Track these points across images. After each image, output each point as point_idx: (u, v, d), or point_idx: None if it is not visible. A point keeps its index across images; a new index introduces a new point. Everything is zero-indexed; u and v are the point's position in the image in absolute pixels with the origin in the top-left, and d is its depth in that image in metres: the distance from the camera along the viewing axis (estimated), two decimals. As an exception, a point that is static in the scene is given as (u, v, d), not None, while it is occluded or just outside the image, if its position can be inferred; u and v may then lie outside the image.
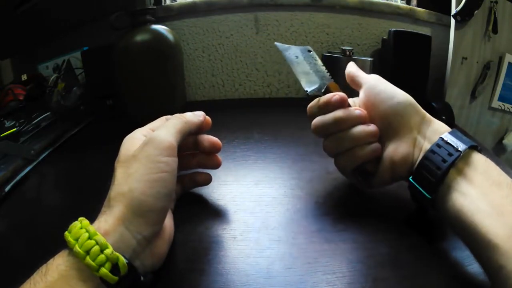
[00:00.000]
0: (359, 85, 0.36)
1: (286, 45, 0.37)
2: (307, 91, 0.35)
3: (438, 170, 0.28)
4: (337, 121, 0.33)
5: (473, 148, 0.28)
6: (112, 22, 0.56)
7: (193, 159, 0.37)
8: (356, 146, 0.33)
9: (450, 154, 0.28)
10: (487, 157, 0.28)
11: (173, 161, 0.27)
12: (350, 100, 0.35)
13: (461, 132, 0.30)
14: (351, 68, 0.37)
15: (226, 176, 0.42)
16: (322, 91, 0.35)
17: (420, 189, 0.29)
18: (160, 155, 0.27)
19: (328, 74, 0.36)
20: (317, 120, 0.34)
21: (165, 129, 0.29)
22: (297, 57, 0.36)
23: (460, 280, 0.27)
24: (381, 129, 0.33)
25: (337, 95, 0.33)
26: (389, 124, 0.33)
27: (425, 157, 0.29)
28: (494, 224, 0.23)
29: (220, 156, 0.37)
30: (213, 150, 0.36)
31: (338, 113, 0.33)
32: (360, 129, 0.33)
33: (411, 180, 0.30)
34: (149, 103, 0.61)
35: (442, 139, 0.29)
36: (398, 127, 0.32)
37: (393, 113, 0.32)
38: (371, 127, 0.33)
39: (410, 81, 0.66)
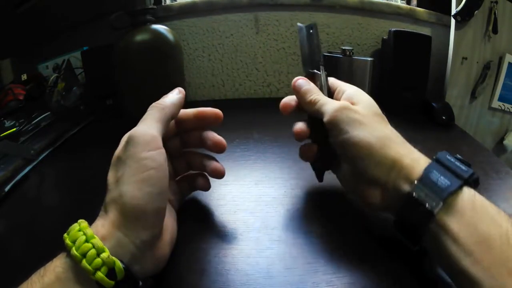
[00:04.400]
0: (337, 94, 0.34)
1: (301, 25, 0.36)
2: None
3: (412, 235, 0.26)
4: None
5: (455, 191, 0.24)
6: (112, 22, 0.56)
7: (197, 159, 0.35)
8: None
9: (424, 216, 0.24)
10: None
11: (158, 154, 0.26)
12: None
13: (460, 132, 0.29)
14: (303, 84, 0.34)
15: (226, 176, 0.42)
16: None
17: (404, 240, 0.28)
18: (143, 151, 0.25)
19: (318, 58, 0.35)
20: None
21: (143, 122, 0.28)
22: (303, 37, 0.36)
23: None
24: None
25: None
26: (354, 168, 0.30)
27: (396, 221, 0.27)
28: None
29: (220, 155, 0.37)
30: (216, 149, 0.34)
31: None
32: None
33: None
34: (149, 103, 0.60)
35: (412, 196, 0.25)
36: (362, 175, 0.29)
37: (354, 164, 0.30)
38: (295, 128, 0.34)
39: (410, 81, 0.66)
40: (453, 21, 0.66)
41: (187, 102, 0.33)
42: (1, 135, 0.54)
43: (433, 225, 0.24)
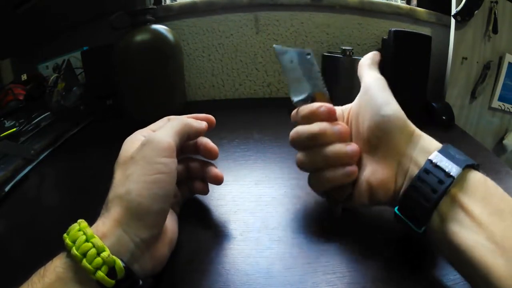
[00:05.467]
0: (360, 82, 0.32)
1: (284, 48, 0.33)
2: (293, 100, 0.32)
3: (427, 203, 0.24)
4: (313, 136, 0.30)
5: (469, 167, 0.25)
6: (112, 22, 0.56)
7: (196, 165, 0.36)
8: (329, 167, 0.30)
9: (440, 182, 0.24)
10: (487, 176, 0.25)
11: (171, 162, 0.27)
12: (338, 109, 0.33)
13: (460, 132, 0.29)
14: (363, 61, 0.33)
15: (226, 176, 0.42)
16: (309, 101, 0.32)
17: (408, 222, 0.26)
18: (158, 156, 0.26)
19: (322, 82, 0.32)
20: (294, 131, 0.31)
21: (164, 130, 0.29)
22: (292, 61, 0.33)
23: (460, 281, 0.27)
24: (362, 145, 0.30)
25: (324, 106, 0.30)
26: (370, 140, 0.29)
27: (411, 186, 0.26)
28: (496, 263, 0.21)
29: (220, 156, 0.37)
30: (208, 156, 0.34)
31: (315, 128, 0.30)
32: (336, 148, 0.29)
33: (397, 211, 0.27)
34: (149, 103, 0.61)
35: (431, 161, 0.25)
36: (379, 144, 0.28)
37: (376, 127, 0.28)
38: (350, 148, 0.29)
39: (410, 81, 0.66)
40: (453, 21, 0.66)
41: (187, 102, 0.33)
42: (1, 135, 0.54)
43: (446, 199, 0.24)
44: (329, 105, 0.31)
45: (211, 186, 0.36)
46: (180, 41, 0.66)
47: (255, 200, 0.38)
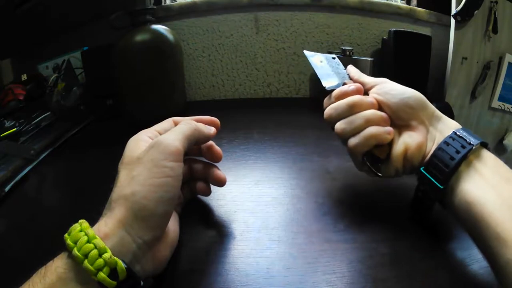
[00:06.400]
0: (365, 87, 0.36)
1: (313, 52, 0.40)
2: (325, 87, 0.37)
3: (451, 160, 0.29)
4: (351, 105, 0.34)
5: (483, 145, 0.29)
6: (112, 22, 0.56)
7: (199, 167, 0.36)
8: (370, 126, 0.33)
9: (463, 147, 0.29)
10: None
11: (178, 166, 0.27)
12: None
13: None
14: (353, 72, 0.38)
15: (226, 176, 0.42)
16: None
17: (432, 179, 0.30)
18: (165, 159, 0.26)
19: (348, 76, 0.38)
20: (331, 106, 0.35)
21: (173, 133, 0.29)
22: (321, 61, 0.39)
23: (460, 281, 0.27)
24: (393, 123, 0.34)
25: (353, 85, 0.35)
26: (401, 117, 0.34)
27: (439, 148, 0.30)
28: (504, 218, 0.24)
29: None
30: (212, 159, 0.35)
31: (352, 98, 0.34)
32: (373, 111, 0.34)
33: (422, 170, 0.31)
34: (149, 103, 0.61)
35: (455, 133, 0.30)
36: (410, 119, 0.33)
37: (404, 105, 0.33)
38: (383, 113, 0.34)
39: (410, 81, 0.66)
40: (453, 21, 0.66)
41: (187, 102, 0.33)
42: (1, 135, 0.54)
43: (464, 163, 0.28)
44: (357, 84, 0.36)
45: (211, 188, 0.36)
46: (180, 41, 0.66)
47: (255, 200, 0.38)
